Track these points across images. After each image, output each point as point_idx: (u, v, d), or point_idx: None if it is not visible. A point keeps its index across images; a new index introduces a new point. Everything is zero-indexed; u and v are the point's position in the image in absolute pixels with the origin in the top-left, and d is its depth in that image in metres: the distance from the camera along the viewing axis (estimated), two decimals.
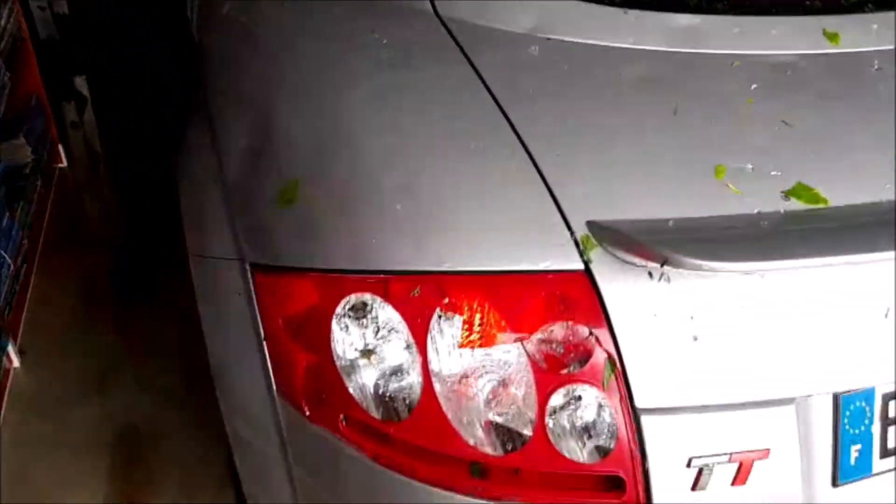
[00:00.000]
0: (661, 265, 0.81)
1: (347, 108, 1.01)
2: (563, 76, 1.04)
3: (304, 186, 0.97)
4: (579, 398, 0.84)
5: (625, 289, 0.84)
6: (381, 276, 0.88)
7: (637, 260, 0.84)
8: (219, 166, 1.12)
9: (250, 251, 1.03)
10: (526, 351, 0.84)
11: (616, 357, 0.83)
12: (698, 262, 0.79)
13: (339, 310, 0.90)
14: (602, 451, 0.84)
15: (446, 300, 0.85)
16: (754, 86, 1.04)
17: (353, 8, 1.17)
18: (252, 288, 1.01)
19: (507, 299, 0.85)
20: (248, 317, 1.02)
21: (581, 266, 0.85)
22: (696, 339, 0.84)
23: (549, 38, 1.10)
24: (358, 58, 1.07)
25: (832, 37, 1.12)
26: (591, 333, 0.84)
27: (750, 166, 0.93)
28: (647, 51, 1.08)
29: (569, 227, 0.87)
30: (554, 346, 0.84)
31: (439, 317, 0.86)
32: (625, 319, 0.84)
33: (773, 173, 0.93)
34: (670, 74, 1.05)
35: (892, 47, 1.12)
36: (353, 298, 0.90)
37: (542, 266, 0.85)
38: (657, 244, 0.82)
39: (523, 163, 0.92)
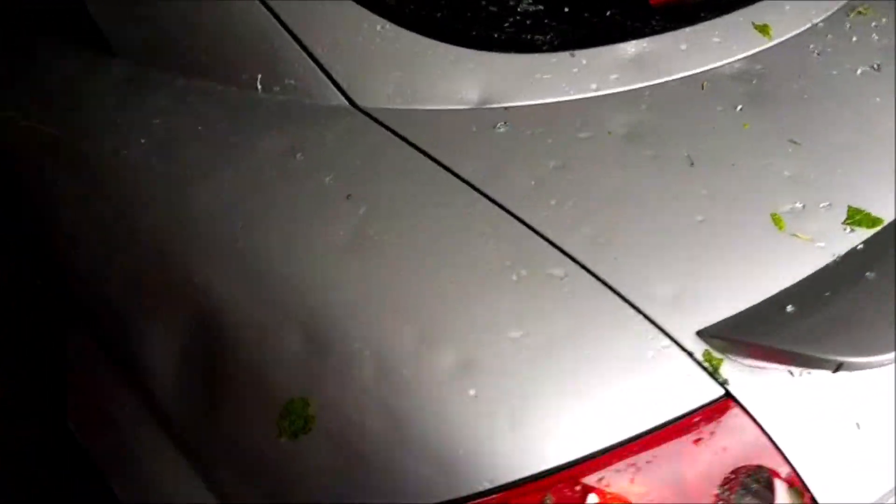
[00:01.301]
0: (835, 370, 0.66)
1: (326, 276, 0.73)
2: (551, 150, 0.84)
3: (316, 404, 0.67)
4: None
5: (771, 398, 0.69)
6: (488, 497, 0.64)
7: (769, 364, 0.69)
8: (142, 398, 0.77)
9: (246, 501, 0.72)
10: None
11: (796, 478, 0.68)
12: (869, 359, 0.65)
13: None
14: None
15: (592, 497, 0.64)
16: (738, 107, 0.92)
17: (261, 126, 0.86)
18: None
19: (663, 470, 0.65)
20: None
21: (721, 391, 0.68)
22: (858, 426, 0.71)
23: (506, 108, 0.89)
24: (301, 201, 0.79)
25: (763, 29, 1.05)
26: (760, 465, 0.67)
27: (799, 205, 0.81)
28: (615, 94, 0.92)
29: (685, 350, 0.69)
30: (736, 497, 0.67)
31: None
32: (785, 432, 0.68)
33: (821, 206, 0.82)
34: (653, 117, 0.89)
35: (816, 22, 1.08)
36: None
37: (680, 411, 0.67)
38: (798, 342, 0.67)
39: (592, 287, 0.71)
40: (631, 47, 0.97)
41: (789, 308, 0.71)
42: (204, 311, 0.73)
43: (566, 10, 1.00)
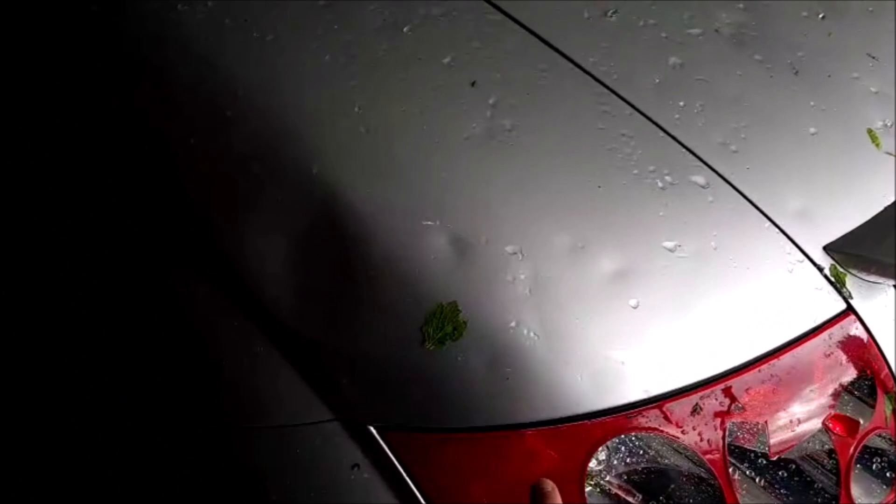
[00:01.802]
0: None
1: (466, 172, 0.65)
2: (666, 45, 0.78)
3: (466, 309, 0.62)
4: (876, 452, 0.73)
5: (882, 313, 0.72)
6: (644, 407, 0.63)
7: (885, 279, 0.71)
8: (247, 306, 0.67)
9: (376, 411, 0.66)
10: (824, 425, 0.69)
11: (894, 384, 0.72)
12: None
13: (592, 466, 0.63)
14: None
15: (736, 406, 0.64)
16: (821, 15, 0.90)
17: None
18: (395, 457, 0.66)
19: (795, 379, 0.67)
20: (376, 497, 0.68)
21: (844, 305, 0.70)
22: None
23: None
24: (421, 85, 0.69)
25: None
26: (869, 374, 0.71)
27: (888, 122, 0.82)
28: None
29: (816, 265, 0.70)
30: (844, 406, 0.70)
31: (732, 429, 0.65)
32: (890, 344, 0.72)
33: None
34: (751, 18, 0.85)
35: None
36: (611, 445, 0.63)
37: (813, 323, 0.68)
38: None
39: (732, 199, 0.69)
40: None
41: None
42: (328, 212, 0.63)
43: None
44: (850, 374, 0.70)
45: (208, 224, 0.67)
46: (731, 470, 0.65)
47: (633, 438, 0.64)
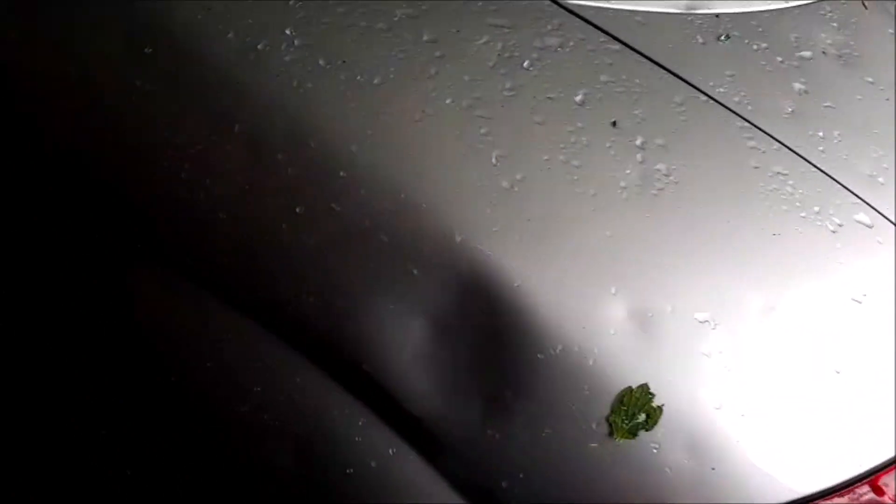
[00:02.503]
0: None
1: (634, 226, 0.55)
2: (785, 70, 0.71)
3: (660, 392, 0.51)
4: None
5: None
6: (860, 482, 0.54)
7: None
8: (379, 401, 0.54)
9: None
10: None
11: None
12: None
13: None
14: None
15: None
16: None
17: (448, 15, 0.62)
18: None
19: None
20: None
21: None
22: None
23: (717, 15, 0.74)
24: (557, 127, 0.58)
25: None
26: None
27: None
28: (802, 8, 0.80)
29: None
30: None
31: None
32: None
33: None
34: (848, 38, 0.79)
35: None
36: None
37: None
38: None
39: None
40: None
41: None
42: (478, 287, 0.52)
43: None
44: None
45: (327, 310, 0.54)
46: None
47: None
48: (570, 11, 0.67)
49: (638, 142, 0.59)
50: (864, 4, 0.90)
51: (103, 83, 0.60)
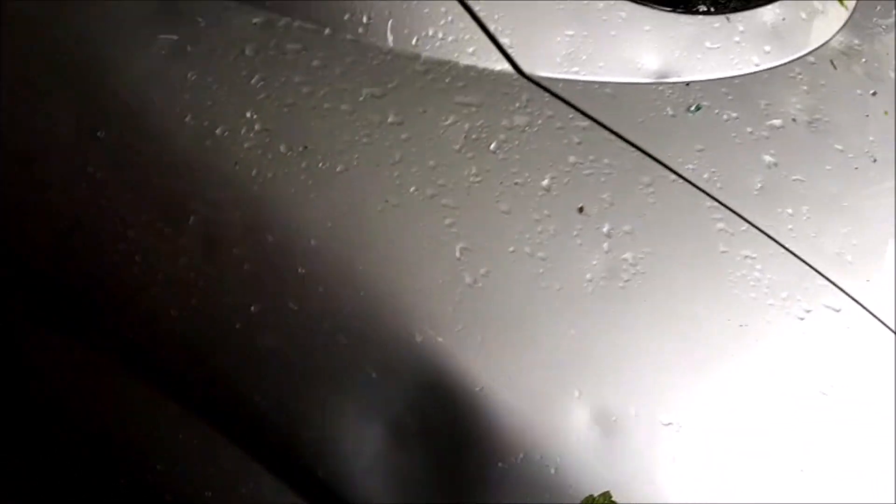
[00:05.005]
0: None
1: (601, 326, 0.51)
2: (755, 142, 0.67)
3: (623, 498, 0.48)
4: None
5: None
6: None
7: None
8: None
9: None
10: None
11: None
12: None
13: None
14: None
15: None
16: (872, 91, 0.81)
17: (415, 95, 0.57)
18: None
19: None
20: None
21: None
22: None
23: (687, 84, 0.70)
24: (527, 216, 0.54)
25: None
26: None
27: None
28: (774, 70, 0.76)
29: None
30: None
31: None
32: None
33: None
34: (818, 101, 0.76)
35: None
36: None
37: None
38: None
39: (866, 322, 0.58)
40: (769, 13, 0.81)
41: None
42: (438, 390, 0.48)
43: None
44: None
45: (281, 413, 0.50)
46: None
47: None
48: (539, 86, 0.63)
49: (605, 229, 0.55)
50: (843, 4, 0.87)
51: (53, 168, 0.56)
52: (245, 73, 0.56)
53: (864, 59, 0.87)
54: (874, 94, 0.82)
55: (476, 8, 0.63)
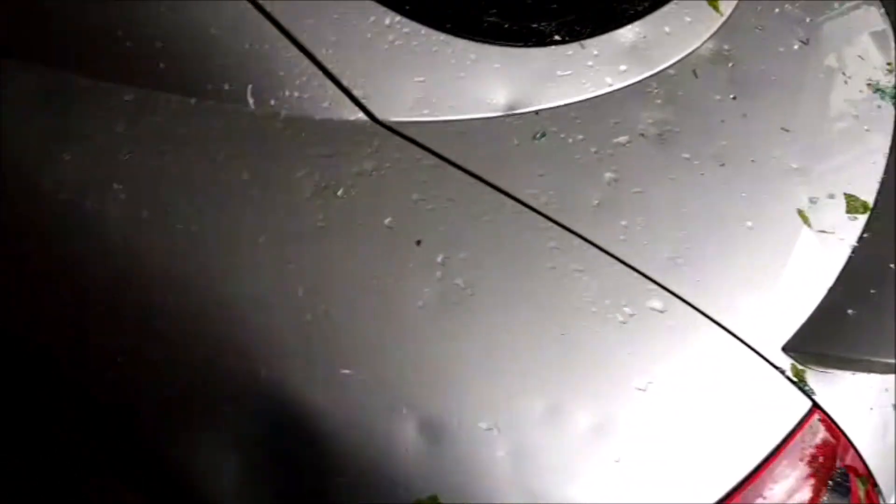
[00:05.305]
0: None
1: (427, 345, 0.58)
2: (599, 161, 0.73)
3: (448, 501, 0.54)
4: None
5: (841, 400, 0.68)
6: None
7: (842, 370, 0.68)
8: None
9: None
10: None
11: (865, 469, 0.69)
12: None
13: None
14: None
15: None
16: (732, 95, 0.87)
17: (270, 153, 0.64)
18: None
19: (779, 492, 0.62)
20: None
21: (809, 403, 0.66)
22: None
23: (537, 112, 0.76)
24: (367, 254, 0.61)
25: (714, 4, 0.99)
26: (846, 466, 0.67)
27: (814, 198, 0.80)
28: (629, 88, 0.82)
29: (778, 369, 0.66)
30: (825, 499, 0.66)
31: None
32: (855, 430, 0.69)
33: (827, 197, 0.81)
34: (671, 113, 0.81)
35: None
36: None
37: (785, 432, 0.64)
38: (873, 349, 0.66)
39: (690, 318, 0.64)
40: (628, 33, 0.87)
41: (850, 311, 0.70)
42: (282, 419, 0.55)
43: None
44: (825, 467, 0.66)
45: (153, 442, 0.58)
46: None
47: None
48: (391, 130, 0.70)
49: (439, 258, 0.62)
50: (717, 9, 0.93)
51: None
52: (116, 148, 0.64)
53: (731, 64, 0.92)
54: (734, 98, 0.87)
55: (329, 65, 0.70)
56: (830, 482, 0.67)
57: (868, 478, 0.69)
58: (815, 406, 0.66)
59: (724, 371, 0.64)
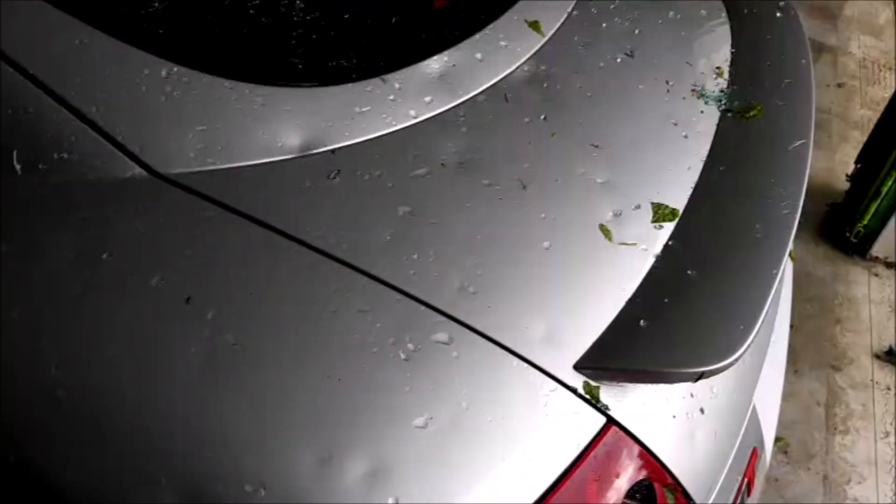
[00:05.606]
0: (696, 380, 0.68)
1: (192, 410, 0.56)
2: (395, 195, 0.73)
3: None
4: None
5: (640, 412, 0.70)
6: None
7: (636, 382, 0.69)
8: None
9: None
10: None
11: (670, 476, 0.70)
12: (725, 363, 0.67)
13: None
14: None
15: None
16: (542, 116, 0.88)
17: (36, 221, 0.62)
18: None
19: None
20: None
21: (604, 419, 0.67)
22: (703, 411, 0.75)
23: (333, 151, 0.75)
24: (130, 319, 0.59)
25: (535, 25, 1.01)
26: (647, 477, 0.68)
27: (618, 211, 0.81)
28: (434, 118, 0.82)
29: (569, 388, 0.66)
30: None
31: None
32: (657, 440, 0.70)
33: (633, 208, 0.83)
34: (475, 140, 0.82)
35: (571, 11, 1.05)
36: None
37: (578, 449, 0.64)
38: (662, 361, 0.68)
39: (477, 346, 0.65)
40: (435, 63, 0.87)
41: (642, 323, 0.72)
42: (24, 490, 0.52)
43: (356, 25, 0.86)
44: (627, 482, 0.68)
45: None
46: None
47: None
48: (171, 183, 0.68)
49: (210, 315, 0.61)
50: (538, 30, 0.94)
51: None
52: None
53: (545, 84, 0.94)
54: (545, 118, 0.89)
55: (100, 122, 0.67)
56: (633, 495, 0.68)
57: (675, 486, 0.71)
58: (610, 421, 0.67)
59: (515, 395, 0.64)
